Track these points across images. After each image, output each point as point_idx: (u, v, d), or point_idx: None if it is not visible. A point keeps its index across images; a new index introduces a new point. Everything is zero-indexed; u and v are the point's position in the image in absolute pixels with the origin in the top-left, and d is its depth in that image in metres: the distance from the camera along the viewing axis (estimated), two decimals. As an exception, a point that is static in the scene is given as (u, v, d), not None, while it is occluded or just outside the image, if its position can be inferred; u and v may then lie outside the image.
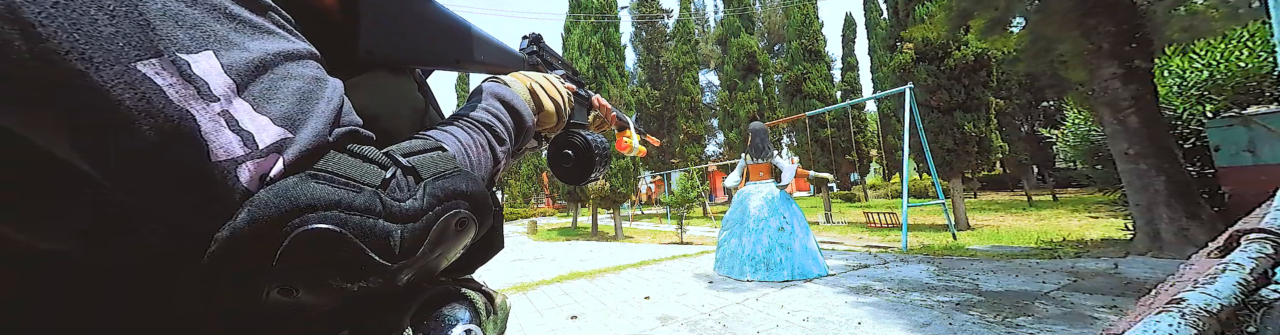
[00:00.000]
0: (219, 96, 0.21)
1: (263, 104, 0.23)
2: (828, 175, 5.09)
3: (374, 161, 0.28)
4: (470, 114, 0.44)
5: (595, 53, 11.98)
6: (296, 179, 0.23)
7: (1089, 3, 4.46)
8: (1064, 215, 9.59)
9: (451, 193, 0.31)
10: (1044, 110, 16.05)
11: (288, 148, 0.24)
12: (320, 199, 0.23)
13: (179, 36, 0.20)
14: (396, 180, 0.29)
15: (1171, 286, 0.54)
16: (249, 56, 0.23)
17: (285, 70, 0.25)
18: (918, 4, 8.84)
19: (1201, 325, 0.35)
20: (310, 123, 0.25)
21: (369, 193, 0.26)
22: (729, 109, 16.19)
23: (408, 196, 0.28)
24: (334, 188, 0.24)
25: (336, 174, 0.25)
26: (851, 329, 2.61)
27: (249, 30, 0.24)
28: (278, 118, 0.23)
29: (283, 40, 0.26)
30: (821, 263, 4.27)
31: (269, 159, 0.23)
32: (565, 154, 0.64)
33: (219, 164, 0.21)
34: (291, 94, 0.25)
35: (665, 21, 21.58)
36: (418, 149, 0.33)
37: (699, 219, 15.99)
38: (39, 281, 0.21)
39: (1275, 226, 0.57)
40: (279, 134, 0.23)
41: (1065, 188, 16.77)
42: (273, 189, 0.22)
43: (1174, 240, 4.23)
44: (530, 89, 0.53)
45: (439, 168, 0.32)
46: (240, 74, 0.22)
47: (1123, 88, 4.39)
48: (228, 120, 0.21)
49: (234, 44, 0.23)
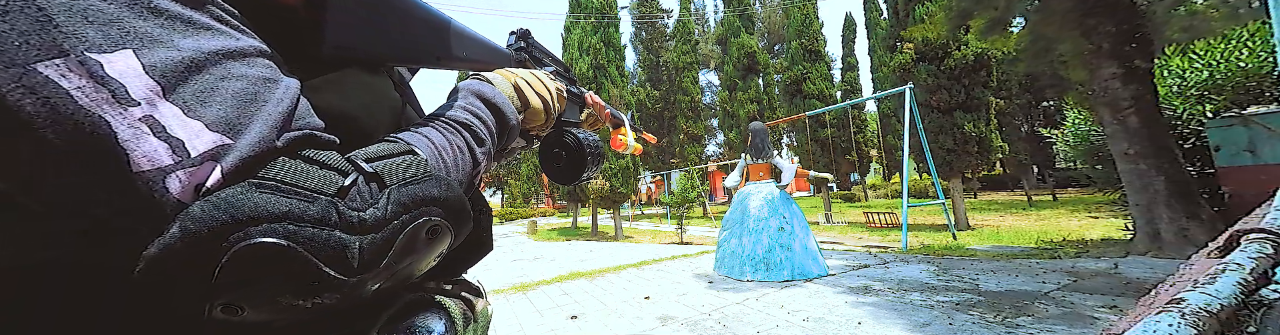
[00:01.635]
0: (139, 100, 0.19)
1: (196, 108, 0.21)
2: (828, 175, 5.09)
3: (332, 168, 0.26)
4: (447, 113, 0.41)
5: (595, 53, 11.98)
6: (238, 189, 0.21)
7: (1089, 3, 4.47)
8: (1064, 215, 9.59)
9: (420, 199, 0.29)
10: (1044, 110, 16.06)
11: (226, 155, 0.22)
12: (264, 210, 0.21)
13: (89, 34, 0.19)
14: (357, 187, 0.26)
15: (1171, 286, 0.54)
16: (179, 55, 0.21)
17: (225, 70, 0.23)
18: (918, 4, 8.85)
19: (1201, 325, 0.35)
20: (254, 127, 0.23)
21: (323, 202, 0.24)
22: (729, 109, 16.19)
23: (369, 205, 0.26)
24: (282, 197, 0.22)
25: (285, 182, 0.23)
26: (851, 329, 2.61)
27: (181, 26, 0.22)
28: (214, 122, 0.22)
29: (224, 37, 0.24)
30: (821, 263, 4.27)
31: (204, 168, 0.21)
32: (556, 153, 0.62)
33: (142, 174, 0.19)
34: (231, 96, 0.23)
35: (665, 21, 21.59)
36: (383, 153, 0.30)
37: (699, 219, 15.99)
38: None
39: (1275, 226, 0.57)
40: (214, 140, 0.21)
41: (1065, 188, 16.77)
42: (208, 201, 0.20)
43: (1174, 240, 4.23)
44: (515, 85, 0.51)
45: (407, 173, 0.30)
46: (166, 75, 0.20)
47: (1123, 88, 4.39)
48: (152, 126, 0.19)
49: (160, 42, 0.21)
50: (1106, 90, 4.50)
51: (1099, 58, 4.52)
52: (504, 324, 3.22)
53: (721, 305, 3.32)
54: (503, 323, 3.25)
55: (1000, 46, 6.37)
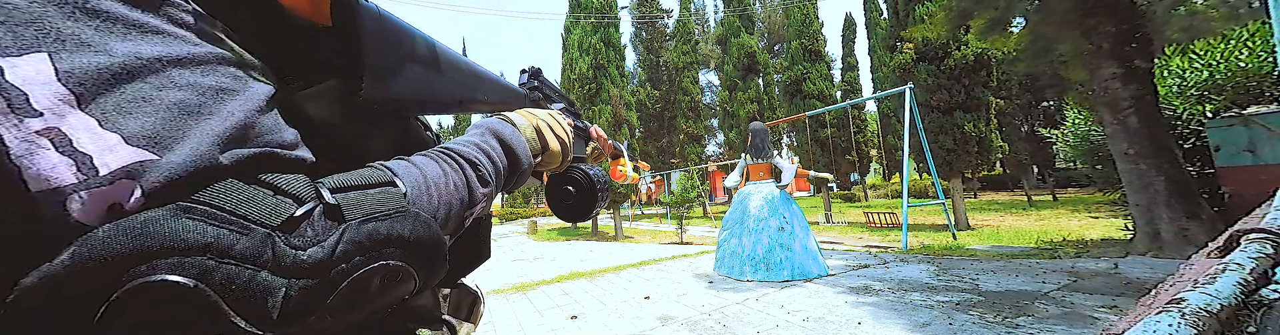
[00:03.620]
0: (41, 110, 0.17)
1: (116, 119, 0.18)
2: (828, 175, 5.09)
3: (288, 194, 0.23)
4: (456, 147, 0.39)
5: (595, 53, 11.99)
6: (160, 212, 0.18)
7: (1089, 3, 4.47)
8: (1064, 215, 9.59)
9: (381, 239, 0.25)
10: (1044, 110, 16.06)
11: (147, 173, 0.19)
12: (183, 240, 0.18)
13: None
14: (310, 220, 0.23)
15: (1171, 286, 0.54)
16: (107, 61, 0.19)
17: (167, 79, 0.20)
18: (918, 4, 8.85)
19: (1201, 325, 0.35)
20: (188, 142, 0.20)
21: (259, 235, 0.20)
22: (729, 109, 16.19)
23: (314, 242, 0.22)
24: (211, 226, 0.19)
25: (221, 208, 0.20)
26: (851, 329, 2.61)
27: (121, 29, 0.20)
28: (135, 136, 0.19)
29: (176, 42, 0.21)
30: (821, 263, 4.27)
31: (118, 187, 0.18)
32: (566, 190, 0.60)
33: (34, 194, 0.17)
34: (166, 107, 0.20)
35: (665, 21, 21.60)
36: (357, 182, 0.27)
37: (699, 219, 15.99)
38: None
39: (1275, 226, 0.57)
40: (132, 156, 0.18)
41: (1065, 188, 16.78)
42: (119, 224, 0.17)
43: (1174, 240, 4.23)
44: (536, 128, 0.50)
45: (375, 207, 0.26)
46: (86, 83, 0.18)
47: (1123, 88, 4.40)
48: (54, 140, 0.17)
49: (87, 45, 0.18)
50: (1106, 90, 4.50)
51: (1099, 58, 4.53)
52: (504, 324, 3.22)
53: (721, 305, 3.32)
54: (503, 323, 3.25)
55: (1000, 46, 6.37)
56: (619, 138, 15.66)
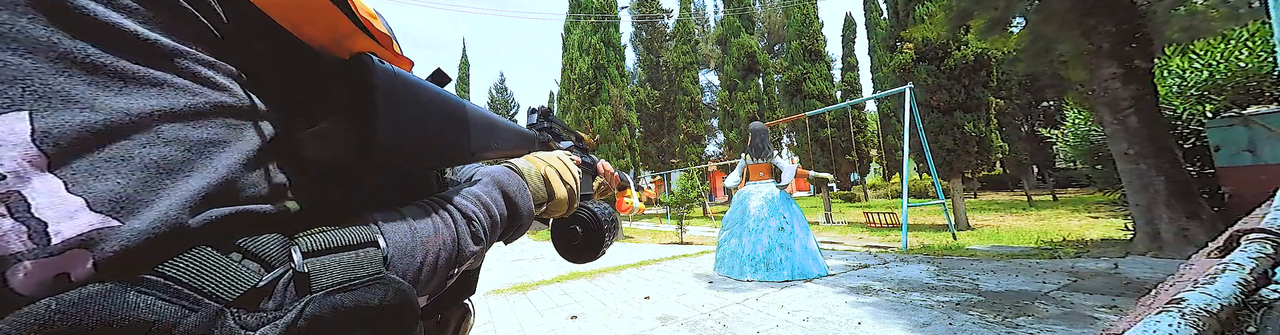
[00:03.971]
0: (5, 173, 0.16)
1: (86, 181, 0.17)
2: (828, 175, 5.09)
3: (258, 259, 0.21)
4: (455, 200, 0.36)
5: (595, 53, 11.99)
6: (108, 286, 0.17)
7: (1089, 3, 4.47)
8: (1064, 215, 9.59)
9: (347, 312, 0.23)
10: (1044, 110, 16.08)
11: (103, 241, 0.17)
12: (123, 318, 0.16)
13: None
14: (275, 290, 0.21)
15: (1171, 286, 0.54)
16: (92, 119, 0.17)
17: (154, 134, 0.19)
18: (918, 4, 8.86)
19: (1201, 325, 0.35)
20: (158, 205, 0.18)
21: (210, 311, 0.18)
22: (729, 109, 16.20)
23: (270, 319, 0.20)
24: (159, 301, 0.17)
25: (175, 279, 0.18)
26: (851, 329, 2.61)
27: (115, 84, 0.18)
28: (101, 200, 0.17)
29: (174, 94, 0.20)
30: (821, 263, 4.27)
31: (67, 257, 0.17)
32: (572, 230, 0.59)
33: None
34: (143, 166, 0.18)
35: (665, 21, 21.60)
36: (335, 244, 0.25)
37: (699, 219, 15.99)
38: None
39: (1275, 226, 0.57)
40: (92, 223, 0.17)
41: (1065, 188, 16.79)
42: (58, 299, 0.16)
43: (1174, 240, 4.24)
44: (544, 175, 0.48)
45: (347, 275, 0.24)
46: (62, 143, 0.17)
47: (1123, 88, 4.40)
48: (11, 205, 0.16)
49: (75, 102, 0.17)
50: (1106, 90, 4.50)
51: (1099, 58, 4.53)
52: (504, 324, 3.22)
53: (721, 305, 3.32)
54: (503, 323, 3.25)
55: (1000, 46, 6.37)
56: (619, 138, 15.66)
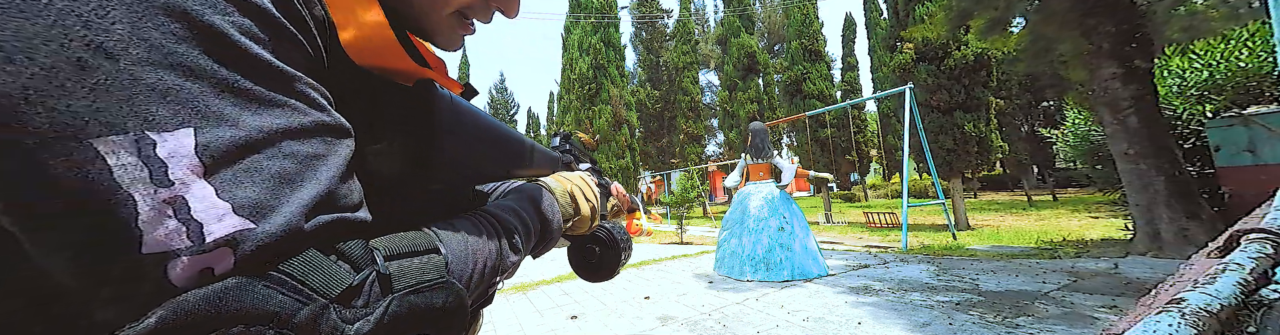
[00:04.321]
0: (174, 180, 0.18)
1: (231, 189, 0.20)
2: (828, 175, 5.09)
3: (350, 261, 0.24)
4: (500, 215, 0.39)
5: (595, 53, 11.99)
6: (243, 280, 0.20)
7: (1089, 3, 4.47)
8: (1064, 215, 9.59)
9: (420, 312, 0.26)
10: (1044, 110, 16.07)
11: (243, 241, 0.20)
12: (255, 309, 0.19)
13: (159, 113, 0.18)
14: (364, 289, 0.24)
15: (1171, 286, 0.54)
16: (237, 135, 0.20)
17: (277, 149, 0.22)
18: (918, 4, 8.86)
19: (1201, 325, 0.35)
20: (282, 211, 0.21)
21: (318, 306, 0.21)
22: (729, 109, 16.20)
23: (363, 315, 0.23)
24: (282, 295, 0.20)
25: (292, 276, 0.21)
26: (851, 329, 2.61)
27: (254, 104, 0.21)
28: (242, 206, 0.20)
29: (293, 113, 0.23)
30: (821, 263, 4.27)
31: (216, 254, 0.19)
32: (591, 249, 0.61)
33: (146, 257, 0.18)
34: (270, 177, 0.21)
35: (665, 21, 21.59)
36: (407, 249, 0.28)
37: (699, 219, 15.99)
38: None
39: (1275, 226, 0.57)
40: (235, 225, 0.20)
41: (1065, 188, 16.79)
42: (204, 291, 0.18)
43: (1174, 240, 4.24)
44: (570, 193, 0.52)
45: (420, 278, 0.27)
46: (216, 155, 0.19)
47: (1123, 88, 4.40)
48: (177, 208, 0.18)
49: (226, 120, 0.20)
50: (1106, 90, 4.50)
51: (1099, 58, 4.53)
52: (504, 324, 3.22)
53: (721, 305, 3.32)
54: (503, 323, 3.25)
55: (1000, 46, 6.37)
56: (619, 138, 15.65)
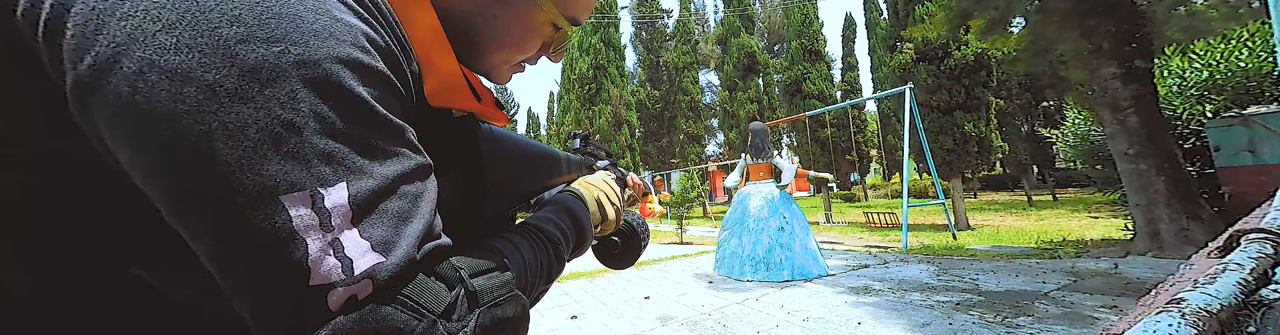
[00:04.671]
0: (335, 226, 0.22)
1: (367, 229, 0.24)
2: (828, 175, 5.09)
3: (444, 280, 0.28)
4: (546, 229, 0.43)
5: (595, 53, 11.99)
6: (378, 305, 0.24)
7: (1089, 3, 4.47)
8: (1064, 215, 9.59)
9: (500, 322, 0.30)
10: (1044, 110, 16.06)
11: (378, 273, 0.24)
12: (388, 327, 0.23)
13: (324, 172, 0.22)
14: (457, 304, 0.28)
15: (1171, 286, 0.54)
16: (372, 184, 0.24)
17: (397, 192, 0.26)
18: (918, 4, 8.85)
19: (1201, 325, 0.35)
20: (402, 244, 0.25)
21: (429, 321, 0.25)
22: (729, 109, 16.19)
23: (459, 328, 0.27)
24: (404, 314, 0.24)
25: (410, 298, 0.25)
26: (851, 329, 2.61)
27: (381, 157, 0.25)
28: (377, 243, 0.24)
29: (404, 160, 0.26)
30: (821, 263, 4.27)
31: (361, 285, 0.23)
32: (612, 241, 0.65)
33: (313, 288, 0.22)
34: (393, 216, 0.25)
35: (665, 21, 21.58)
36: (484, 268, 0.32)
37: (699, 219, 15.99)
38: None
39: (1275, 226, 0.57)
40: (374, 260, 0.24)
41: (1065, 188, 16.78)
42: (354, 316, 0.23)
43: (1174, 240, 4.24)
44: (597, 200, 0.55)
45: (497, 293, 0.31)
46: (359, 203, 0.23)
47: (1123, 88, 4.39)
48: (335, 248, 0.22)
49: (365, 173, 0.24)
50: (1106, 90, 4.50)
51: (1099, 58, 4.53)
52: (504, 324, 3.22)
53: (721, 305, 3.32)
54: (503, 323, 3.25)
55: (1000, 46, 6.37)
56: (619, 138, 15.65)
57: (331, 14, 0.23)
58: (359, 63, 0.24)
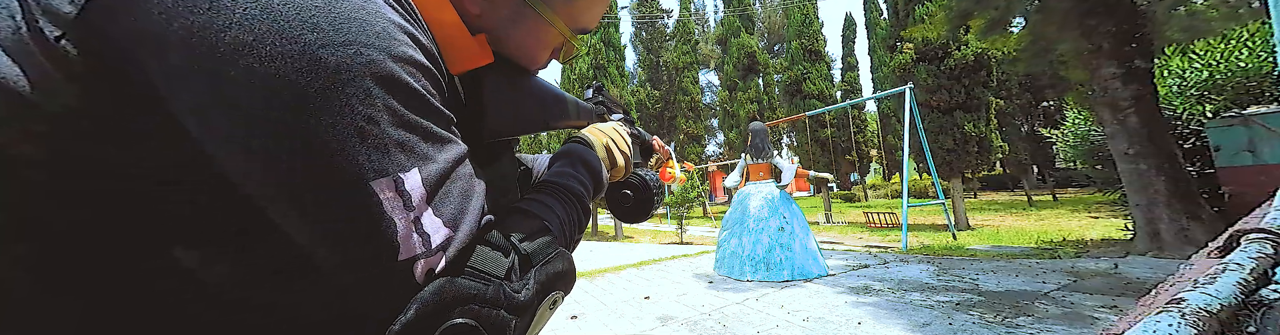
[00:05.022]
0: (416, 206, 0.25)
1: (439, 207, 0.27)
2: (828, 175, 5.09)
3: (500, 249, 0.31)
4: (569, 185, 0.46)
5: (595, 53, 11.98)
6: (452, 276, 0.27)
7: (1089, 3, 4.47)
8: (1064, 215, 9.59)
9: (554, 277, 0.34)
10: (1044, 110, 16.05)
11: (450, 245, 0.27)
12: (465, 295, 0.26)
13: (401, 159, 0.25)
14: (514, 267, 0.31)
15: (1171, 286, 0.54)
16: (437, 168, 0.27)
17: (456, 173, 0.29)
18: (918, 4, 8.85)
19: (1201, 325, 0.35)
20: (467, 220, 0.29)
21: (496, 285, 0.29)
22: (729, 109, 16.20)
23: (522, 286, 0.31)
24: (474, 282, 0.27)
25: (477, 268, 0.28)
26: (851, 329, 2.61)
27: (439, 144, 0.28)
28: (447, 220, 0.27)
29: (454, 145, 0.29)
30: (821, 263, 4.27)
31: (437, 257, 0.26)
32: (624, 194, 0.66)
33: (403, 262, 0.25)
34: (457, 195, 0.29)
35: (665, 21, 21.56)
36: (529, 232, 0.35)
37: (699, 219, 15.99)
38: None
39: (1275, 226, 0.57)
40: (446, 234, 0.27)
41: (1065, 188, 16.77)
42: (433, 287, 0.26)
43: (1174, 240, 4.23)
44: (606, 146, 0.57)
45: (546, 252, 0.35)
46: (430, 185, 0.26)
47: (1123, 88, 4.39)
48: (416, 225, 0.25)
49: (430, 159, 0.27)
50: (1106, 90, 4.50)
51: (1099, 58, 4.52)
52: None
53: (721, 305, 3.32)
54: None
55: (1000, 46, 6.37)
56: (619, 138, 15.62)
57: (385, 16, 0.26)
58: (413, 59, 0.26)
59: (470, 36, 0.35)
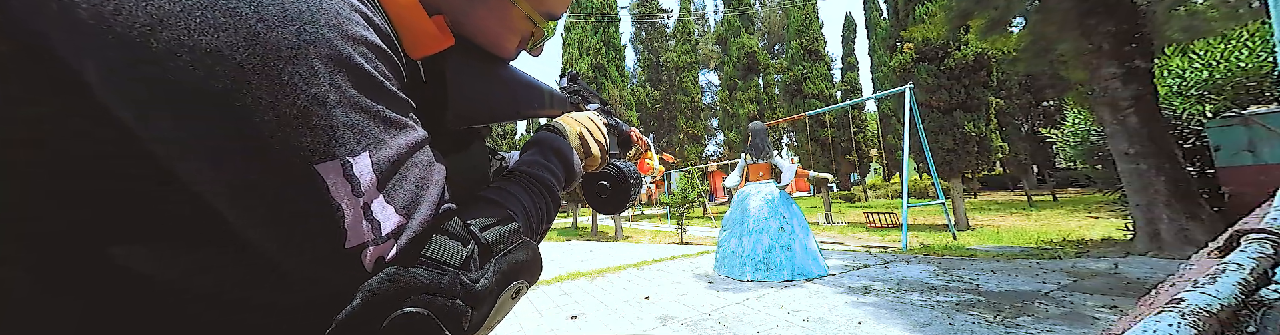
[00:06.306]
0: (364, 192, 0.24)
1: (391, 194, 0.26)
2: (828, 175, 5.09)
3: (458, 238, 0.30)
4: (538, 174, 0.45)
5: (595, 53, 11.98)
6: (403, 265, 0.26)
7: (1089, 3, 4.47)
8: (1064, 215, 9.59)
9: (516, 267, 0.34)
10: (1044, 110, 16.03)
11: (402, 233, 0.26)
12: (416, 284, 0.26)
13: (350, 142, 0.24)
14: (474, 257, 0.31)
15: (1171, 286, 0.54)
16: (390, 154, 0.26)
17: (412, 160, 0.28)
18: (918, 4, 8.85)
19: (1201, 325, 0.35)
20: (421, 208, 0.28)
21: (452, 274, 0.28)
22: (729, 109, 16.20)
23: (480, 276, 0.30)
24: (427, 271, 0.27)
25: (431, 257, 0.28)
26: (851, 329, 2.61)
27: (394, 128, 0.27)
28: (400, 206, 0.26)
29: (411, 131, 0.28)
30: (821, 263, 4.27)
31: (387, 244, 0.25)
32: (602, 185, 0.65)
33: (350, 249, 0.23)
34: (412, 182, 0.28)
35: (665, 21, 21.59)
36: (492, 221, 0.34)
37: (699, 219, 15.99)
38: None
39: (1275, 226, 0.57)
40: (398, 221, 0.26)
41: (1065, 188, 16.77)
42: (383, 275, 0.25)
43: (1174, 240, 4.23)
44: (579, 135, 0.55)
45: (508, 241, 0.34)
46: (382, 170, 0.25)
47: (1123, 88, 4.39)
48: (366, 211, 0.24)
49: (383, 143, 0.26)
50: (1106, 90, 4.50)
51: (1099, 58, 4.52)
52: (504, 324, 3.22)
53: (721, 305, 3.32)
54: (502, 322, 3.25)
55: (1000, 46, 6.37)
56: (619, 138, 15.61)
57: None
58: (365, 40, 0.25)
59: (427, 18, 0.33)
